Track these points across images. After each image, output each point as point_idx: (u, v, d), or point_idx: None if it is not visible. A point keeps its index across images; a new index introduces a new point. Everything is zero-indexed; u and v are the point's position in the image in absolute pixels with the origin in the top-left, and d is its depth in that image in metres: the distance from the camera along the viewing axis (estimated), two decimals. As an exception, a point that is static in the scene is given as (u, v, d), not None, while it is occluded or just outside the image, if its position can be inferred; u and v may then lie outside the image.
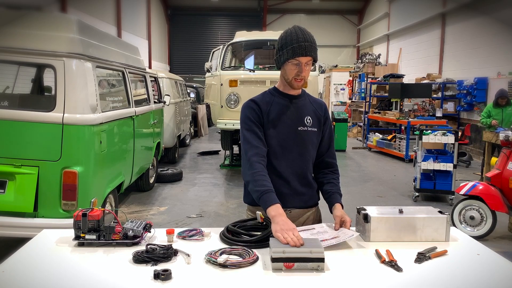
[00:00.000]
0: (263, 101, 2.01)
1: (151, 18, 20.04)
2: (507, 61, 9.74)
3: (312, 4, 23.02)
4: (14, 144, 3.33)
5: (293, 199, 2.02)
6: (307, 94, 2.12)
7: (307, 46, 1.89)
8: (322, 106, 2.12)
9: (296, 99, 2.04)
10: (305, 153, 2.02)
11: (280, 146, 1.98)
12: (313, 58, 1.92)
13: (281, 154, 1.99)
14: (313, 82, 7.26)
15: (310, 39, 1.91)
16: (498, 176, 4.62)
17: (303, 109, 2.03)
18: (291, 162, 2.00)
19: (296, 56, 1.89)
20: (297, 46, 1.88)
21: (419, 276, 1.51)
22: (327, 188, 2.09)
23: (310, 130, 2.02)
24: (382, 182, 7.67)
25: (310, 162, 2.06)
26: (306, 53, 1.89)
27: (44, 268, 1.52)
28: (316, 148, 2.09)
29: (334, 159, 2.16)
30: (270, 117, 1.98)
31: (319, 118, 2.06)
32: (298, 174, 2.02)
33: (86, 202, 3.22)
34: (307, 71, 1.94)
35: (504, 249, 4.47)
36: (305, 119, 2.02)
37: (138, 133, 5.02)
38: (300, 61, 1.90)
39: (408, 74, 14.78)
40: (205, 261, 1.57)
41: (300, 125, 2.00)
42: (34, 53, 3.34)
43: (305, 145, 2.01)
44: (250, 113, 1.99)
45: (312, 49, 1.91)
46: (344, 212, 1.96)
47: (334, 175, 2.13)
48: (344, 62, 22.44)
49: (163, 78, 8.38)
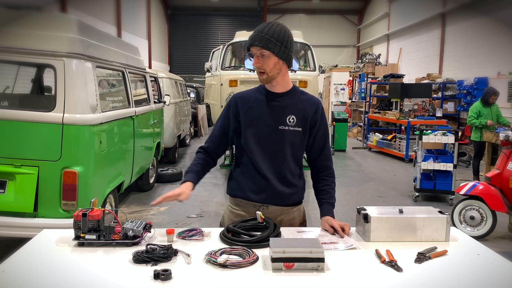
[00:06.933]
0: (246, 97, 2.03)
1: (151, 18, 20.05)
2: (507, 61, 9.74)
3: (312, 4, 23.03)
4: (14, 144, 3.33)
5: (272, 197, 2.01)
6: (300, 92, 2.05)
7: (256, 36, 1.87)
8: (314, 106, 2.02)
9: (281, 97, 1.99)
10: (284, 152, 1.99)
11: (257, 144, 1.98)
12: (265, 49, 1.86)
13: (259, 152, 1.98)
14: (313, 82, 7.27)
15: (266, 31, 1.87)
16: (498, 176, 4.62)
17: (287, 107, 1.98)
18: (269, 160, 1.98)
19: (248, 46, 1.91)
20: (249, 37, 1.90)
21: (419, 276, 1.51)
22: (319, 196, 2.08)
23: (291, 129, 1.97)
24: (382, 182, 7.67)
25: (290, 162, 2.00)
26: (253, 42, 1.87)
27: (44, 268, 1.52)
28: (300, 148, 2.03)
29: (329, 162, 2.11)
30: (250, 114, 1.98)
31: (306, 118, 1.99)
32: (276, 173, 1.99)
33: (86, 202, 3.21)
34: (266, 64, 1.89)
35: (504, 249, 4.47)
36: (288, 118, 1.97)
37: (138, 133, 5.02)
38: (252, 51, 1.90)
39: (408, 74, 14.78)
40: (205, 261, 1.56)
41: (281, 124, 1.97)
42: (34, 53, 3.34)
43: (283, 145, 1.98)
44: (226, 109, 2.07)
45: (261, 38, 1.86)
46: (336, 221, 1.93)
47: (328, 180, 2.09)
48: (344, 62, 22.45)
49: (163, 78, 8.38)
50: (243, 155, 2.03)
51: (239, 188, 2.05)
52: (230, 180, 2.13)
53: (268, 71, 1.90)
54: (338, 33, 23.65)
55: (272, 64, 1.90)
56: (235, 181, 2.08)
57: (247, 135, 1.99)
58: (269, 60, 1.89)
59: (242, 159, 2.04)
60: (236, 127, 2.02)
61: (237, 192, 2.07)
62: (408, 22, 15.93)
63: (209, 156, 2.09)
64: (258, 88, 2.05)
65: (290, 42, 1.93)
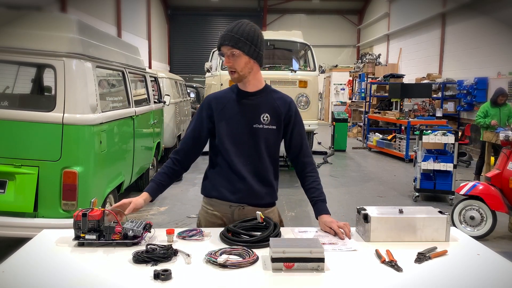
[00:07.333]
0: (219, 98, 2.04)
1: (151, 18, 20.04)
2: (507, 61, 9.74)
3: (312, 4, 23.03)
4: (14, 144, 3.33)
5: (248, 196, 2.00)
6: (272, 90, 2.06)
7: (226, 35, 1.88)
8: (286, 103, 2.03)
9: (253, 95, 2.00)
10: (259, 151, 1.99)
11: (232, 144, 1.98)
12: (236, 48, 1.87)
13: (234, 152, 1.98)
14: (313, 82, 7.27)
15: (236, 30, 1.87)
16: (498, 176, 4.62)
17: (261, 106, 1.99)
18: (246, 159, 1.98)
19: (218, 45, 1.92)
20: (220, 37, 1.90)
21: (419, 276, 1.51)
22: (310, 195, 2.07)
23: (266, 127, 1.98)
24: (382, 182, 7.67)
25: (266, 160, 2.01)
26: (224, 42, 1.88)
27: (44, 268, 1.52)
28: (275, 146, 2.04)
29: (309, 158, 2.11)
30: (223, 114, 1.99)
31: (280, 116, 2.00)
32: (254, 171, 1.99)
33: (86, 202, 3.21)
34: (237, 63, 1.90)
35: (504, 249, 4.47)
36: (262, 117, 1.98)
37: (138, 133, 5.02)
38: (222, 51, 1.91)
39: (408, 74, 14.78)
40: (205, 261, 1.56)
41: (255, 123, 1.97)
42: (34, 53, 3.34)
43: (258, 143, 1.98)
44: (199, 111, 2.06)
45: (231, 38, 1.86)
46: (334, 220, 1.94)
47: (313, 177, 2.08)
48: (344, 62, 22.45)
49: (163, 78, 8.38)
50: (218, 155, 2.03)
51: (215, 188, 2.05)
52: (204, 180, 2.12)
53: (239, 70, 1.91)
54: (338, 33, 23.65)
55: (243, 63, 1.91)
56: (210, 182, 2.08)
57: (221, 135, 1.99)
58: (240, 59, 1.90)
59: (217, 159, 2.04)
60: (210, 128, 2.02)
61: (212, 192, 2.06)
62: (408, 22, 15.93)
63: (179, 163, 2.06)
64: (231, 88, 2.07)
65: (260, 41, 1.94)
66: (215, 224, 2.05)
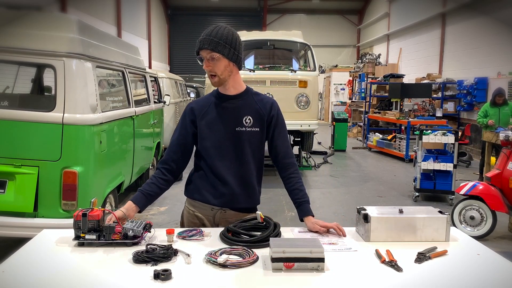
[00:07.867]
0: (200, 104, 2.04)
1: (151, 18, 20.04)
2: (507, 61, 9.74)
3: (312, 4, 23.03)
4: (14, 144, 3.33)
5: (231, 200, 2.00)
6: (253, 92, 2.06)
7: (204, 39, 1.87)
8: (268, 105, 2.02)
9: (234, 99, 2.00)
10: (243, 154, 1.98)
11: (215, 148, 1.97)
12: (215, 51, 1.86)
13: (217, 156, 1.98)
14: (313, 82, 7.26)
15: (214, 34, 1.87)
16: (498, 176, 4.62)
17: (242, 108, 1.99)
18: (229, 163, 1.98)
19: (197, 50, 1.91)
20: (198, 41, 1.90)
21: (419, 276, 1.51)
22: (293, 196, 2.06)
23: (249, 130, 1.98)
24: (382, 182, 7.67)
25: (251, 163, 2.01)
26: (202, 45, 1.87)
27: (44, 268, 1.52)
28: (259, 148, 2.03)
29: (292, 158, 2.11)
30: (205, 119, 1.99)
31: (262, 117, 2.00)
32: (237, 175, 1.99)
33: (86, 202, 3.21)
34: (217, 67, 1.89)
35: (504, 249, 4.47)
36: (244, 119, 1.98)
37: (138, 133, 5.02)
38: (201, 55, 1.90)
39: (408, 74, 14.79)
40: (205, 261, 1.56)
41: (237, 126, 1.97)
42: (34, 53, 3.34)
43: (242, 146, 1.98)
44: (182, 118, 2.06)
45: (209, 41, 1.86)
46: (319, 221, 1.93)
47: (296, 178, 2.07)
48: (344, 62, 22.45)
49: (163, 78, 8.39)
50: (201, 159, 2.04)
51: (198, 191, 2.05)
52: (188, 184, 2.12)
53: (219, 74, 1.91)
54: (338, 33, 23.65)
55: (223, 67, 1.91)
56: (194, 185, 2.07)
57: (205, 140, 1.99)
58: (220, 63, 1.90)
59: (201, 163, 2.04)
60: (195, 133, 2.03)
61: (195, 195, 2.07)
62: (408, 22, 15.93)
63: (169, 172, 2.05)
64: (212, 93, 2.07)
65: (239, 44, 1.94)
66: (196, 224, 2.06)
